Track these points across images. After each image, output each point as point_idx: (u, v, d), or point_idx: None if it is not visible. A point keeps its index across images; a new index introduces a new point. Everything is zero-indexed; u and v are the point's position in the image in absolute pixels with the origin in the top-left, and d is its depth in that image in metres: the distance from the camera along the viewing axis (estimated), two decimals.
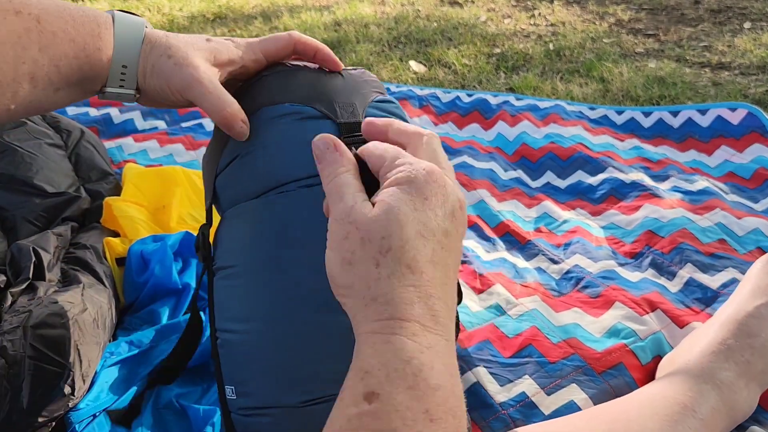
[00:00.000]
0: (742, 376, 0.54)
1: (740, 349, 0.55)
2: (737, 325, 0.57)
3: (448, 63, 1.61)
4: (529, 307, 0.73)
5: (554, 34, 1.77)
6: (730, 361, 0.55)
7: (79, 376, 0.56)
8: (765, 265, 0.62)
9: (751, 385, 0.54)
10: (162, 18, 2.21)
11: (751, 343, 0.55)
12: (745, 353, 0.55)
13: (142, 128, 1.21)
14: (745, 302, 0.59)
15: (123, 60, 0.44)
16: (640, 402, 0.53)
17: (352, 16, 2.07)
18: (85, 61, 0.43)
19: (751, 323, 0.57)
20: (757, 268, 0.63)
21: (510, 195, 0.98)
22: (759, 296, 0.59)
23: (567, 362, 0.64)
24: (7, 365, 0.51)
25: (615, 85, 1.37)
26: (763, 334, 0.56)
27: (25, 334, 0.53)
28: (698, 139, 1.07)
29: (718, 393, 0.53)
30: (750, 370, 0.54)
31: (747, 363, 0.55)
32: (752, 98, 1.25)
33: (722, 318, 0.60)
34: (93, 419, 0.55)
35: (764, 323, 0.57)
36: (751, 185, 0.94)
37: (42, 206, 0.78)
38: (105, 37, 0.43)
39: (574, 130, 1.11)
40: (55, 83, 0.42)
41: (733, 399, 0.53)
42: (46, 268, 0.66)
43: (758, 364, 0.55)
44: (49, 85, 0.42)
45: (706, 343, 0.58)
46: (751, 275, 0.63)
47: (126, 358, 0.63)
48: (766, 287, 0.59)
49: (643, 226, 0.85)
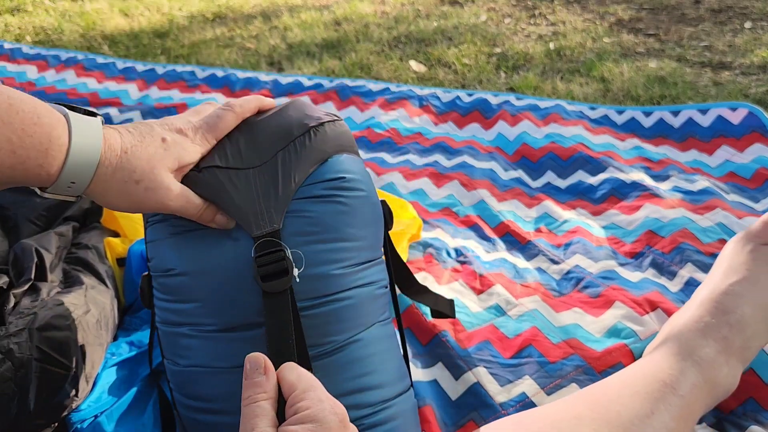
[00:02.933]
0: (721, 352, 0.55)
1: (717, 326, 0.56)
2: (713, 303, 0.58)
3: (449, 63, 1.61)
4: (529, 307, 0.73)
5: (555, 33, 1.77)
6: (709, 338, 0.56)
7: (83, 378, 0.56)
8: (737, 245, 0.63)
9: (731, 361, 0.55)
10: (161, 17, 2.21)
11: (728, 319, 0.56)
12: (723, 329, 0.56)
13: None
14: (719, 281, 0.60)
15: (72, 177, 0.42)
16: (621, 381, 0.54)
17: (352, 15, 2.07)
18: (21, 172, 0.40)
19: (726, 300, 0.58)
20: (729, 248, 0.64)
21: (510, 195, 0.98)
22: (732, 274, 0.60)
23: (567, 362, 0.64)
24: (14, 368, 0.51)
25: (615, 85, 1.37)
26: (738, 310, 0.57)
27: (31, 336, 0.53)
28: (699, 138, 1.07)
29: (698, 370, 0.53)
30: (729, 347, 0.55)
31: (725, 339, 0.55)
32: (753, 98, 1.25)
33: (699, 298, 0.61)
34: (94, 419, 0.55)
35: (739, 300, 0.58)
36: (751, 185, 0.94)
37: (43, 205, 0.78)
38: (52, 155, 0.40)
39: (575, 130, 1.11)
40: None
41: (713, 375, 0.53)
42: (48, 269, 0.66)
43: (736, 340, 0.56)
44: None
45: (684, 322, 0.59)
46: (725, 255, 0.64)
47: (126, 359, 0.63)
48: (739, 266, 0.60)
49: (644, 226, 0.85)
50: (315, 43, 1.83)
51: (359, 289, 0.49)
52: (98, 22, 2.16)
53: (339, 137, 0.52)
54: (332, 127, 0.52)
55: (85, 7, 2.37)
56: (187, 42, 1.93)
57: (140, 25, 2.13)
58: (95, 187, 0.43)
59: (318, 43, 1.83)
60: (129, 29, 2.08)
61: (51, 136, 0.40)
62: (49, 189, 0.42)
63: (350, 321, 0.47)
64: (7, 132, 0.38)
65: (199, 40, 1.94)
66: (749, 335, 0.56)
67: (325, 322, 0.46)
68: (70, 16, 2.26)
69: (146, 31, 2.05)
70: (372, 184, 0.53)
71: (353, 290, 0.48)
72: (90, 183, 0.43)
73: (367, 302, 0.49)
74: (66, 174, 0.41)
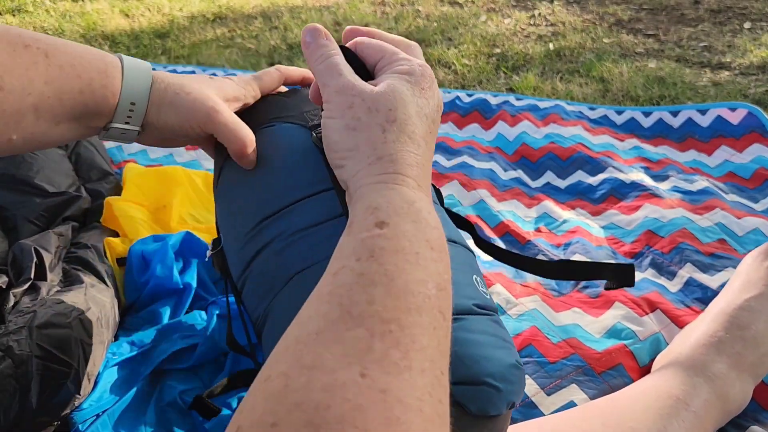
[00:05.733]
0: (734, 368, 0.54)
1: (731, 341, 0.56)
2: (728, 318, 0.58)
3: (448, 63, 1.61)
4: (528, 306, 0.73)
5: (554, 34, 1.77)
6: (722, 353, 0.55)
7: (84, 376, 0.56)
8: (755, 260, 0.62)
9: (744, 377, 0.55)
10: (162, 18, 2.21)
11: (742, 335, 0.56)
12: (737, 345, 0.56)
13: None
14: (735, 296, 0.60)
15: (132, 97, 0.45)
16: (634, 396, 0.54)
17: (352, 16, 2.07)
18: (90, 96, 0.43)
19: (742, 316, 0.57)
20: (747, 263, 0.63)
21: (510, 195, 0.98)
22: (749, 290, 0.60)
23: (567, 362, 0.64)
24: (14, 365, 0.51)
25: (615, 85, 1.37)
26: (753, 326, 0.56)
27: (30, 334, 0.53)
28: (698, 139, 1.07)
29: (710, 386, 0.53)
30: (742, 362, 0.55)
31: (739, 355, 0.55)
32: (752, 98, 1.25)
33: (713, 312, 0.60)
34: (96, 419, 0.55)
35: (754, 315, 0.57)
36: (750, 185, 0.94)
37: (42, 206, 0.79)
38: (112, 74, 0.45)
39: (574, 130, 1.11)
40: (58, 116, 0.43)
41: (726, 391, 0.53)
42: (48, 268, 0.66)
43: (750, 356, 0.55)
44: (52, 119, 0.43)
45: (697, 336, 0.58)
46: (742, 270, 0.63)
47: (127, 359, 0.63)
48: (756, 281, 0.60)
49: (643, 226, 0.85)
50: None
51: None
52: (99, 23, 2.16)
53: None
54: None
55: (86, 8, 2.37)
56: (188, 42, 1.93)
57: (141, 25, 2.13)
58: (152, 106, 0.47)
59: None
60: (129, 30, 2.08)
61: (105, 59, 0.45)
62: (114, 119, 0.46)
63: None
64: (68, 58, 0.42)
65: (199, 41, 1.94)
66: (763, 352, 0.56)
67: None
68: (71, 17, 2.26)
69: (147, 32, 2.05)
70: None
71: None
72: (148, 103, 0.46)
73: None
74: (126, 91, 0.45)
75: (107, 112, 0.45)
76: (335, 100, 0.37)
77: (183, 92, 0.47)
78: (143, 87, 0.46)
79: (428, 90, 0.39)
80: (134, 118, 0.46)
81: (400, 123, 0.36)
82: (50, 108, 0.42)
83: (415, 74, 0.39)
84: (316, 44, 0.40)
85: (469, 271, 0.47)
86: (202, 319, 0.68)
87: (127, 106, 0.45)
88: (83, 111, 0.44)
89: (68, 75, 0.42)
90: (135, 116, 0.46)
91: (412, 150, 0.36)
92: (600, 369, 0.63)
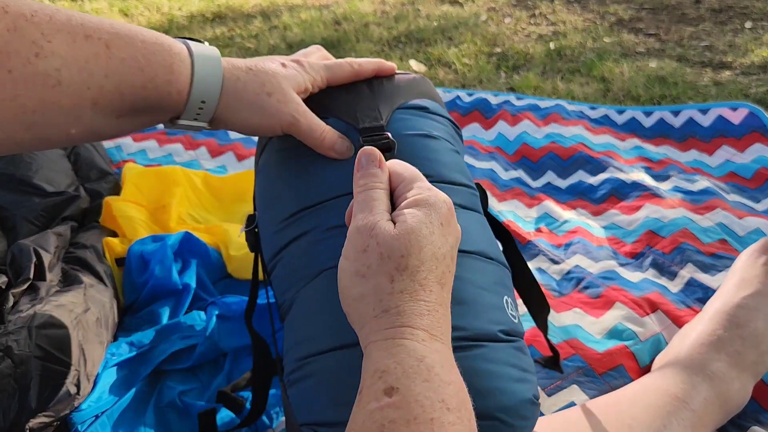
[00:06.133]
0: (733, 366, 0.54)
1: (730, 339, 0.56)
2: (726, 317, 0.58)
3: (449, 62, 1.61)
4: None
5: (555, 33, 1.77)
6: (721, 352, 0.55)
7: (84, 376, 0.56)
8: (749, 257, 0.62)
9: (743, 375, 0.55)
10: (161, 17, 2.20)
11: (741, 333, 0.56)
12: (735, 344, 0.56)
13: None
14: (732, 294, 0.60)
15: (202, 96, 0.43)
16: (633, 395, 0.54)
17: (352, 15, 2.07)
18: (152, 92, 0.41)
19: (739, 314, 0.57)
20: (742, 260, 0.63)
21: (510, 195, 0.98)
22: (745, 288, 0.60)
23: (568, 363, 0.64)
24: (13, 365, 0.51)
25: (616, 85, 1.37)
26: (751, 324, 0.56)
27: (30, 334, 0.53)
28: (699, 138, 1.07)
29: (710, 384, 0.53)
30: (741, 361, 0.55)
31: (738, 353, 0.55)
32: (753, 98, 1.25)
33: (711, 311, 0.60)
34: (95, 420, 0.55)
35: (752, 313, 0.57)
36: (752, 185, 0.94)
37: (42, 206, 0.78)
38: (178, 70, 0.42)
39: (575, 130, 1.11)
40: (118, 110, 0.41)
41: (725, 390, 0.53)
42: (47, 268, 0.66)
43: (749, 355, 0.55)
44: (112, 113, 0.41)
45: (696, 335, 0.58)
46: (737, 268, 0.63)
47: (126, 359, 0.62)
48: (752, 278, 0.60)
49: (644, 226, 0.85)
50: (315, 43, 1.83)
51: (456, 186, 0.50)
52: None
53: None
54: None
55: (85, 7, 2.37)
56: None
57: (140, 24, 2.12)
58: (225, 104, 0.44)
59: (318, 43, 1.83)
60: None
61: (172, 52, 0.42)
62: (182, 115, 0.44)
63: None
64: (131, 51, 0.40)
65: None
66: (763, 350, 0.56)
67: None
68: None
69: None
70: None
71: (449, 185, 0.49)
72: (219, 100, 0.44)
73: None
74: (196, 89, 0.42)
75: (172, 108, 0.43)
76: (353, 239, 0.35)
77: (264, 93, 0.45)
78: (214, 84, 0.43)
79: (446, 226, 0.36)
80: (203, 115, 0.44)
81: (411, 271, 0.34)
82: (110, 102, 0.40)
83: (436, 207, 0.36)
84: (365, 171, 0.38)
85: (502, 292, 0.46)
86: (201, 319, 0.68)
87: (197, 104, 0.43)
88: (145, 106, 0.42)
89: (130, 68, 0.40)
90: (204, 113, 0.44)
91: (422, 298, 0.34)
92: (601, 370, 0.63)
